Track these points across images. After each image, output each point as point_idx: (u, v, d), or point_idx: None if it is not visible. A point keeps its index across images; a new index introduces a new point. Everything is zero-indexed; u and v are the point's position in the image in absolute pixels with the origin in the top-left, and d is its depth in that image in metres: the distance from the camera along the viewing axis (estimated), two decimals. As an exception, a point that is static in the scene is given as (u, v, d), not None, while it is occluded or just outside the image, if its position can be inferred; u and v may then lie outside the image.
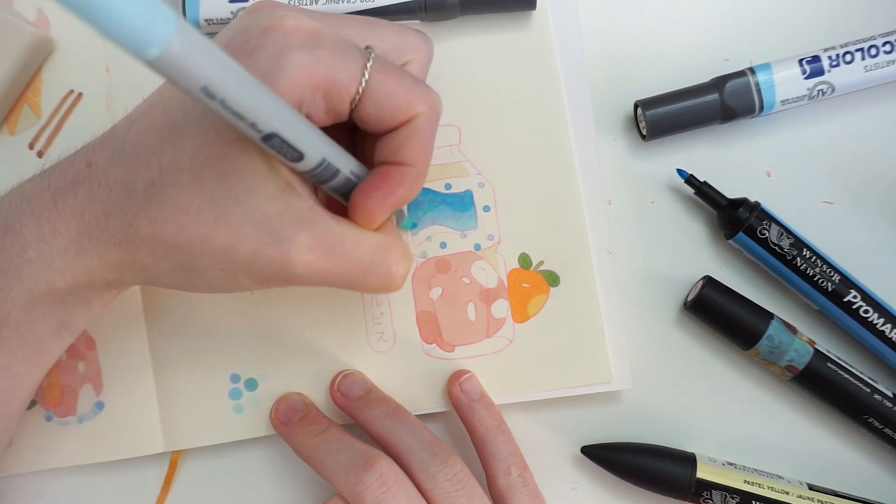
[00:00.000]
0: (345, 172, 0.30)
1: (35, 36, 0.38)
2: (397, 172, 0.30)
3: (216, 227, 0.28)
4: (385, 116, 0.29)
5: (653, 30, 0.40)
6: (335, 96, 0.28)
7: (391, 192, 0.30)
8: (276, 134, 0.26)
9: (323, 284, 0.30)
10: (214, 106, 0.23)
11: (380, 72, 0.29)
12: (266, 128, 0.25)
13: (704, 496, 0.37)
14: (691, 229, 0.40)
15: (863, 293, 0.38)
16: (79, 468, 0.40)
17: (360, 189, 0.30)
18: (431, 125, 0.30)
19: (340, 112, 0.29)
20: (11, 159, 0.40)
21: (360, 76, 0.28)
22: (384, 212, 0.30)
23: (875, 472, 0.40)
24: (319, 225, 0.29)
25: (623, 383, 0.39)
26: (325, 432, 0.36)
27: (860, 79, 0.38)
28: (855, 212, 0.40)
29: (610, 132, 0.40)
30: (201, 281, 0.30)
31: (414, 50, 0.32)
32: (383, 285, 0.31)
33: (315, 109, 0.28)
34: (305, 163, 0.28)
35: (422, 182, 0.31)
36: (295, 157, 0.27)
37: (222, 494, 0.40)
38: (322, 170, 0.29)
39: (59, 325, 0.32)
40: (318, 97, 0.28)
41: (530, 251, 0.39)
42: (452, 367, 0.39)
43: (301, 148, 0.27)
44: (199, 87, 0.22)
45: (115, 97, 0.39)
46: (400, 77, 0.29)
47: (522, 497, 0.36)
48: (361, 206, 0.30)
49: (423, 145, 0.30)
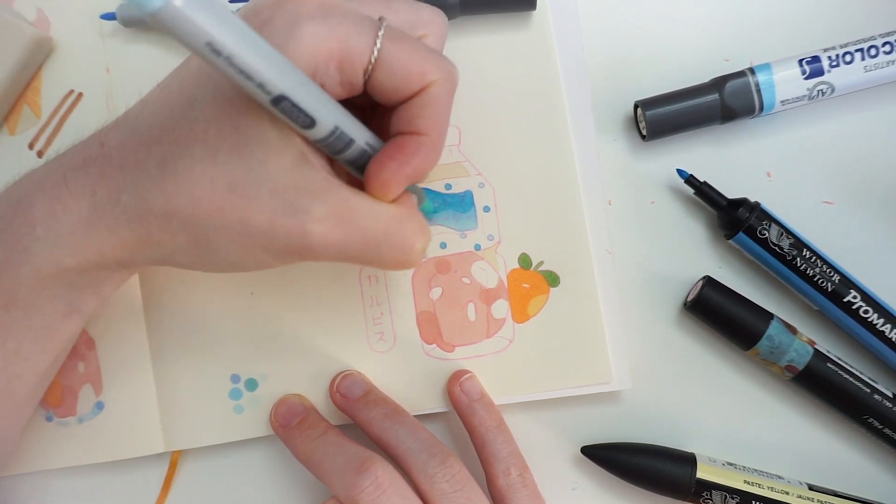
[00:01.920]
0: (359, 143, 0.29)
1: (35, 36, 0.38)
2: (413, 142, 0.29)
3: (230, 199, 0.28)
4: (399, 85, 0.29)
5: (653, 30, 0.40)
6: (348, 66, 0.28)
7: (406, 161, 0.29)
8: (286, 96, 0.25)
9: (339, 258, 0.30)
10: (221, 64, 0.23)
11: (392, 41, 0.28)
12: (275, 89, 0.25)
13: (704, 496, 0.37)
14: (691, 229, 0.40)
15: (863, 293, 0.38)
16: (79, 468, 0.40)
17: (376, 159, 0.30)
18: (447, 94, 0.30)
19: (354, 83, 0.29)
20: (11, 159, 0.40)
21: (373, 45, 0.28)
22: (400, 182, 0.30)
23: (875, 472, 0.40)
24: (334, 195, 0.28)
25: (623, 383, 0.39)
26: (323, 436, 0.36)
27: (860, 79, 0.38)
28: (855, 212, 0.40)
29: (610, 132, 0.40)
30: (216, 257, 0.30)
31: (428, 24, 0.31)
32: (400, 259, 0.30)
33: (329, 80, 0.28)
34: (318, 129, 0.27)
35: (438, 152, 0.30)
36: (306, 124, 0.27)
37: (222, 494, 0.40)
38: (335, 138, 0.28)
39: (69, 306, 0.31)
40: (331, 67, 0.28)
41: (530, 251, 0.39)
42: (452, 368, 0.39)
43: (312, 113, 0.26)
44: (205, 43, 0.22)
45: (115, 97, 0.39)
46: (413, 46, 0.29)
47: (522, 497, 0.36)
48: (376, 176, 0.29)
49: (439, 114, 0.30)
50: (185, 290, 0.39)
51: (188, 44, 0.22)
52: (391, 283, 0.39)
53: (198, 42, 0.22)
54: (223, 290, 0.39)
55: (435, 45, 0.31)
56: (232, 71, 0.23)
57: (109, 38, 0.39)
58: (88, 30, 0.39)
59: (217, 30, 0.22)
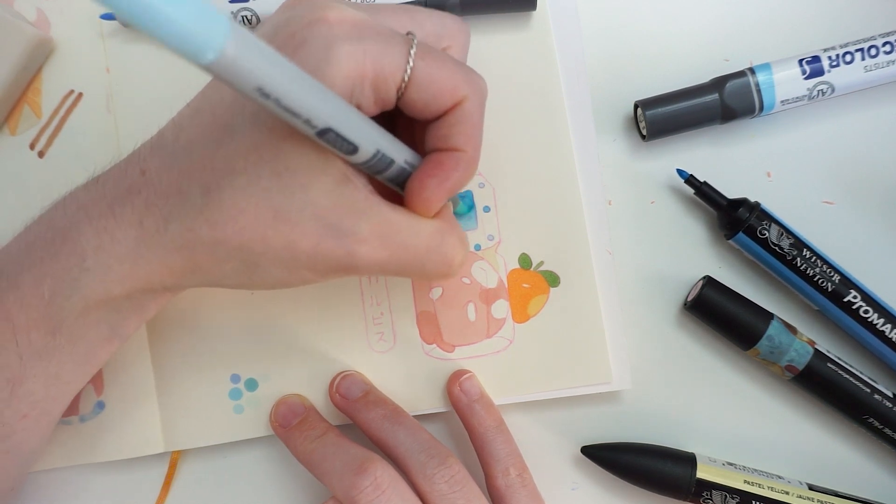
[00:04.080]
0: (399, 162, 0.30)
1: (35, 36, 0.38)
2: (450, 158, 0.30)
3: (275, 225, 0.28)
4: (431, 102, 0.29)
5: (653, 30, 0.40)
6: (382, 85, 0.28)
7: (446, 178, 0.30)
8: (331, 129, 0.26)
9: (381, 273, 0.30)
10: (269, 105, 0.23)
11: (423, 58, 0.29)
12: (321, 123, 0.25)
13: (704, 496, 0.37)
14: (691, 229, 0.40)
15: (863, 293, 0.38)
16: (79, 468, 0.40)
17: (415, 177, 0.30)
18: (478, 108, 0.30)
19: (388, 101, 0.29)
20: (13, 159, 0.40)
21: (406, 63, 0.28)
22: (440, 198, 0.30)
23: (875, 472, 0.40)
24: (377, 214, 0.29)
25: (623, 383, 0.39)
26: (323, 436, 0.36)
27: (860, 79, 0.38)
28: (855, 212, 0.40)
29: (610, 132, 0.40)
30: (263, 279, 0.30)
31: (453, 35, 0.32)
32: (441, 272, 0.31)
33: (364, 100, 0.28)
34: (360, 155, 0.28)
35: (475, 166, 0.31)
36: (350, 150, 0.27)
37: (222, 494, 0.40)
38: (377, 161, 0.29)
39: (111, 332, 0.32)
40: (366, 87, 0.28)
41: (530, 251, 0.39)
42: (452, 368, 0.39)
43: (355, 140, 0.27)
44: (254, 88, 0.22)
45: (115, 97, 0.39)
46: (444, 62, 0.29)
47: (521, 497, 0.36)
48: (417, 194, 0.30)
49: (473, 129, 0.30)
50: (186, 290, 0.39)
51: (239, 89, 0.22)
52: (391, 283, 0.39)
53: (248, 87, 0.22)
54: (223, 291, 0.39)
55: (459, 56, 0.32)
56: (280, 111, 0.24)
57: (109, 38, 0.39)
58: (88, 30, 0.39)
59: (266, 74, 0.22)
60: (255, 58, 0.22)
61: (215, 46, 0.20)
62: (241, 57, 0.21)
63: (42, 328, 0.30)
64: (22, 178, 0.40)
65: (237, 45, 0.21)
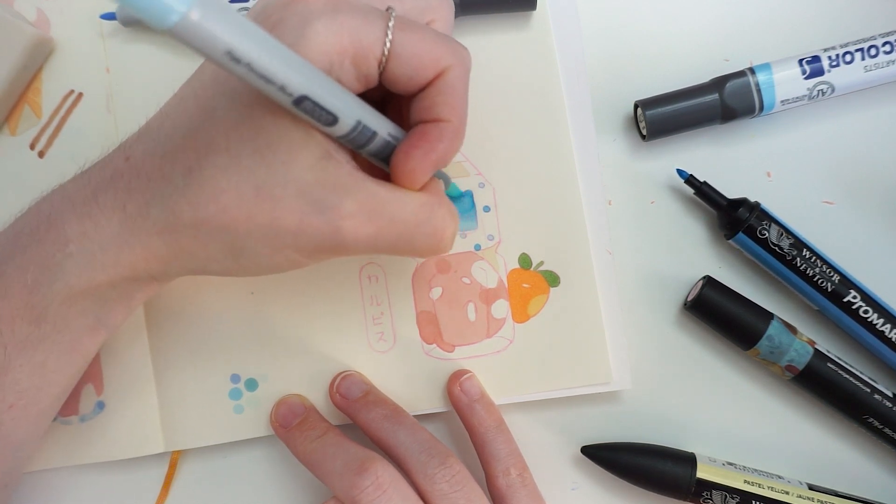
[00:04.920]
0: (382, 135, 0.29)
1: (35, 36, 0.38)
2: (435, 129, 0.30)
3: (258, 203, 0.28)
4: (414, 75, 0.29)
5: (653, 30, 0.40)
6: (362, 60, 0.28)
7: (431, 149, 0.29)
8: (307, 96, 0.25)
9: (371, 251, 0.30)
10: (241, 71, 0.23)
11: (402, 30, 0.28)
12: (296, 90, 0.25)
13: (704, 496, 0.37)
14: (691, 229, 0.40)
15: (863, 293, 0.38)
16: (79, 468, 0.40)
17: (400, 149, 0.30)
18: (462, 78, 0.30)
19: (370, 76, 0.29)
20: (13, 159, 0.40)
21: (384, 37, 0.28)
22: (426, 170, 0.30)
23: (875, 472, 0.40)
24: (361, 189, 0.29)
25: (623, 383, 0.39)
26: (324, 436, 0.36)
27: (860, 79, 0.38)
28: (855, 212, 0.40)
29: (610, 132, 0.40)
30: (249, 262, 0.30)
31: (435, 9, 0.31)
32: (432, 246, 0.31)
33: (345, 75, 0.28)
34: (340, 126, 0.27)
35: (461, 136, 0.30)
36: (329, 121, 0.27)
37: (222, 494, 0.40)
38: (358, 133, 0.28)
39: (96, 321, 0.32)
40: (346, 63, 0.28)
41: (530, 251, 0.39)
42: (452, 368, 0.39)
43: (334, 110, 0.27)
44: (224, 52, 0.22)
45: (115, 97, 0.39)
46: (423, 34, 0.29)
47: (522, 497, 0.36)
48: (402, 166, 0.29)
49: (457, 99, 0.30)
50: (186, 290, 0.39)
51: (207, 54, 0.22)
52: (391, 282, 0.39)
53: (217, 52, 0.22)
54: (223, 290, 0.39)
55: (443, 30, 0.31)
56: (253, 77, 0.24)
57: (109, 38, 0.39)
58: (88, 30, 0.39)
59: (235, 38, 0.22)
60: (222, 21, 0.22)
61: (179, 9, 0.20)
62: (207, 20, 0.21)
63: (26, 317, 0.30)
64: (22, 178, 0.40)
65: (203, 9, 0.21)
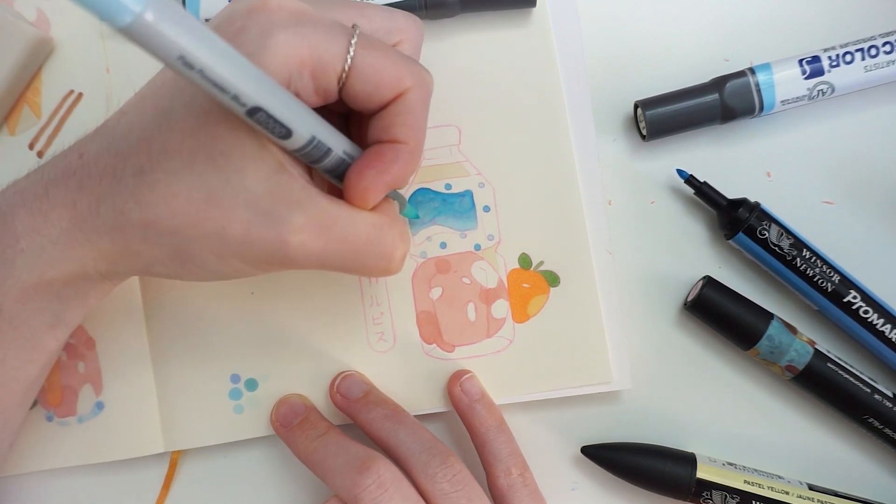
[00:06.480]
0: (337, 152, 0.29)
1: (35, 36, 0.38)
2: (391, 150, 0.30)
3: (207, 210, 0.28)
4: (373, 93, 0.29)
5: (653, 30, 0.40)
6: (322, 74, 0.28)
7: (385, 169, 0.29)
8: (261, 108, 0.25)
9: (319, 267, 0.30)
10: (194, 77, 0.23)
11: (365, 48, 0.28)
12: (250, 101, 0.25)
13: (704, 496, 0.37)
14: (691, 229, 0.40)
15: (863, 293, 0.38)
16: (79, 468, 0.40)
17: (354, 168, 0.30)
18: (422, 100, 0.30)
19: (329, 91, 0.29)
20: (12, 159, 0.40)
21: (346, 53, 0.28)
22: (379, 190, 0.30)
23: (875, 472, 0.40)
24: (312, 204, 0.28)
25: (623, 383, 0.39)
26: (324, 436, 0.36)
27: (860, 79, 0.38)
28: (855, 212, 0.40)
29: (610, 132, 0.40)
30: (195, 267, 0.30)
31: (403, 31, 0.31)
32: (381, 267, 0.31)
33: (304, 89, 0.28)
34: (295, 139, 0.27)
35: (416, 159, 0.30)
36: (283, 134, 0.27)
37: (222, 494, 0.40)
38: (312, 148, 0.28)
39: (54, 318, 0.32)
40: (305, 75, 0.28)
41: (530, 251, 0.39)
42: (452, 368, 0.39)
43: (288, 123, 0.26)
44: (177, 57, 0.22)
45: (115, 97, 0.39)
46: (386, 53, 0.29)
47: (523, 497, 0.36)
48: (355, 184, 0.29)
49: (415, 121, 0.30)
50: (185, 290, 0.39)
51: (160, 57, 0.22)
52: (391, 283, 0.39)
53: (170, 56, 0.22)
54: (223, 291, 0.39)
55: (410, 52, 0.31)
56: (206, 84, 0.24)
57: (109, 38, 0.39)
58: (88, 30, 0.39)
59: (189, 43, 0.22)
60: (177, 25, 0.22)
61: (133, 9, 0.20)
62: (161, 22, 0.21)
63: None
64: (21, 177, 0.40)
65: (157, 11, 0.21)
